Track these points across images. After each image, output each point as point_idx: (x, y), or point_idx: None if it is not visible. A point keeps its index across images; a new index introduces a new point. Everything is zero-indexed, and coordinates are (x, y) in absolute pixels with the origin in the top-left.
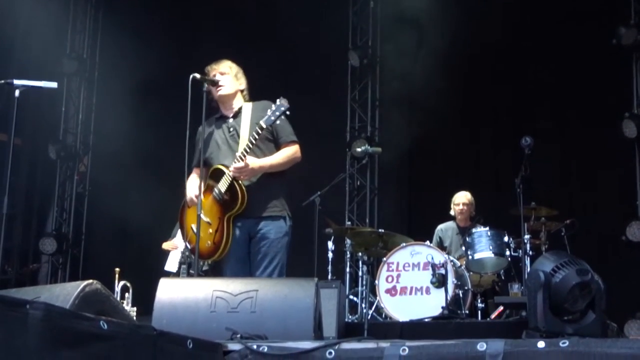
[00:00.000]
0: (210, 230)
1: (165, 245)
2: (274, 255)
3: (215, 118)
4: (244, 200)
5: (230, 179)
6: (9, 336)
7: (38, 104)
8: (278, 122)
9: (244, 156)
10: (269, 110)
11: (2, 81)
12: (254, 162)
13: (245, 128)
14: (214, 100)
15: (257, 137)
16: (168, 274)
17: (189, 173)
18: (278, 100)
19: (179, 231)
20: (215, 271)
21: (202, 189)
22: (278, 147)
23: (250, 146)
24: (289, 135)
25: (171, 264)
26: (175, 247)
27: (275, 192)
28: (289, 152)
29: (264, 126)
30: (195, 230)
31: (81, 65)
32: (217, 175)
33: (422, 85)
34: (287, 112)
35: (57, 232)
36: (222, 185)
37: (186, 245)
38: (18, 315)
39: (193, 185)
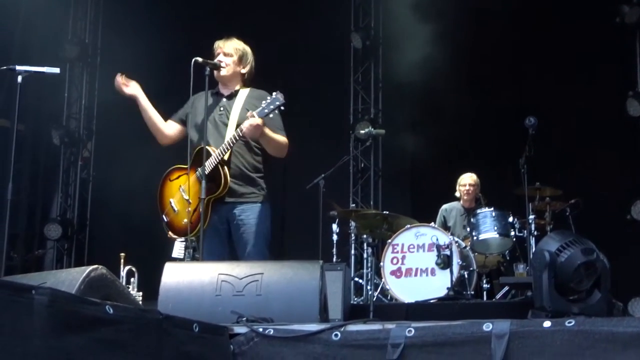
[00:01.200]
0: (189, 209)
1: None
2: (254, 240)
3: (212, 92)
4: (225, 186)
5: (216, 162)
6: (16, 321)
7: (40, 89)
8: (271, 115)
9: (232, 144)
10: (263, 102)
11: (4, 67)
12: (266, 128)
13: (236, 112)
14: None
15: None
16: (175, 261)
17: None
18: (274, 94)
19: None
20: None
21: (184, 166)
22: None
23: (239, 136)
24: (279, 130)
25: (177, 251)
26: (184, 237)
27: (253, 178)
28: (284, 140)
29: (258, 120)
30: (174, 205)
31: (83, 51)
32: (203, 155)
33: (425, 67)
34: (282, 107)
35: (62, 217)
36: (207, 167)
37: (162, 218)
38: (24, 300)
39: (154, 112)
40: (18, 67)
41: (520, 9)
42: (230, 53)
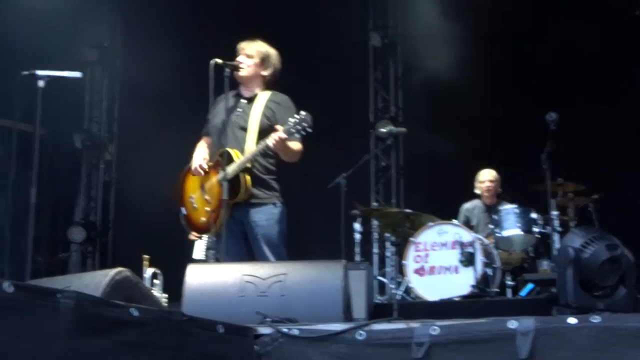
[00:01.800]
0: (208, 209)
1: (191, 235)
2: (270, 241)
3: (233, 93)
4: (245, 194)
5: (239, 170)
6: (42, 325)
7: (61, 93)
8: (297, 135)
9: (258, 155)
10: (290, 120)
11: (26, 72)
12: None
13: (255, 118)
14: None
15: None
16: (196, 262)
17: (199, 139)
18: (302, 114)
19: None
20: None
21: (210, 163)
22: None
23: (265, 149)
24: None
25: (198, 252)
26: (199, 235)
27: (265, 180)
28: (300, 147)
29: (284, 136)
30: (193, 201)
31: (103, 54)
32: (227, 158)
33: (444, 63)
34: (309, 130)
35: (85, 221)
36: (230, 172)
37: (180, 211)
38: (50, 304)
39: (201, 153)
40: (39, 72)
41: (540, 5)
42: (252, 54)
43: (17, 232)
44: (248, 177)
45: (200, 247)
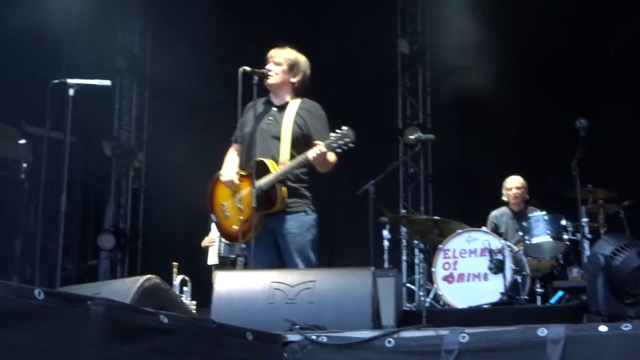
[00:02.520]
0: (241, 218)
1: (204, 242)
2: (303, 249)
3: (264, 100)
4: (281, 205)
5: (275, 181)
6: (72, 331)
7: (91, 101)
8: (338, 150)
9: (297, 168)
10: (332, 134)
11: (57, 81)
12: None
13: (288, 126)
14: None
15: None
16: (211, 268)
17: (229, 145)
18: (345, 129)
19: (214, 225)
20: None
21: (243, 173)
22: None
23: (305, 162)
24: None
25: (212, 258)
26: (213, 240)
27: (296, 189)
28: (335, 158)
29: (325, 150)
30: (225, 209)
31: (133, 62)
32: (261, 168)
33: (473, 70)
34: (352, 145)
35: (115, 228)
36: (265, 184)
37: (211, 218)
38: (80, 311)
39: (232, 164)
40: (69, 81)
41: (573, 11)
42: (280, 62)
43: (47, 239)
44: (284, 189)
45: (213, 252)
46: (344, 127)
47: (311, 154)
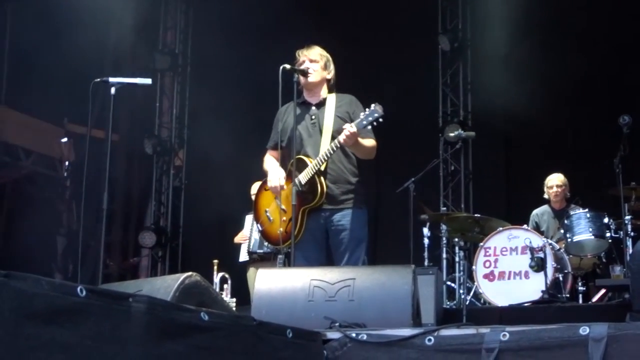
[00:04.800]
0: (284, 218)
1: (237, 239)
2: (355, 246)
3: (298, 103)
4: (322, 196)
5: (313, 172)
6: (115, 328)
7: (132, 100)
8: (369, 127)
9: (328, 156)
10: (362, 113)
11: (98, 79)
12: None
13: (329, 120)
14: (299, 84)
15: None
16: (243, 265)
17: (264, 153)
18: (373, 105)
19: (247, 222)
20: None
21: (284, 174)
22: None
23: (336, 147)
24: (368, 134)
25: (243, 255)
26: (246, 238)
27: (352, 183)
28: (374, 143)
29: (355, 129)
30: (269, 215)
31: (174, 60)
32: (299, 165)
33: (514, 66)
34: (381, 120)
35: (156, 225)
36: (304, 177)
37: (257, 227)
38: (122, 308)
39: (275, 170)
40: (111, 79)
41: (618, 10)
42: (316, 59)
43: (89, 237)
44: (323, 179)
45: (244, 249)
46: (372, 105)
47: (341, 137)
